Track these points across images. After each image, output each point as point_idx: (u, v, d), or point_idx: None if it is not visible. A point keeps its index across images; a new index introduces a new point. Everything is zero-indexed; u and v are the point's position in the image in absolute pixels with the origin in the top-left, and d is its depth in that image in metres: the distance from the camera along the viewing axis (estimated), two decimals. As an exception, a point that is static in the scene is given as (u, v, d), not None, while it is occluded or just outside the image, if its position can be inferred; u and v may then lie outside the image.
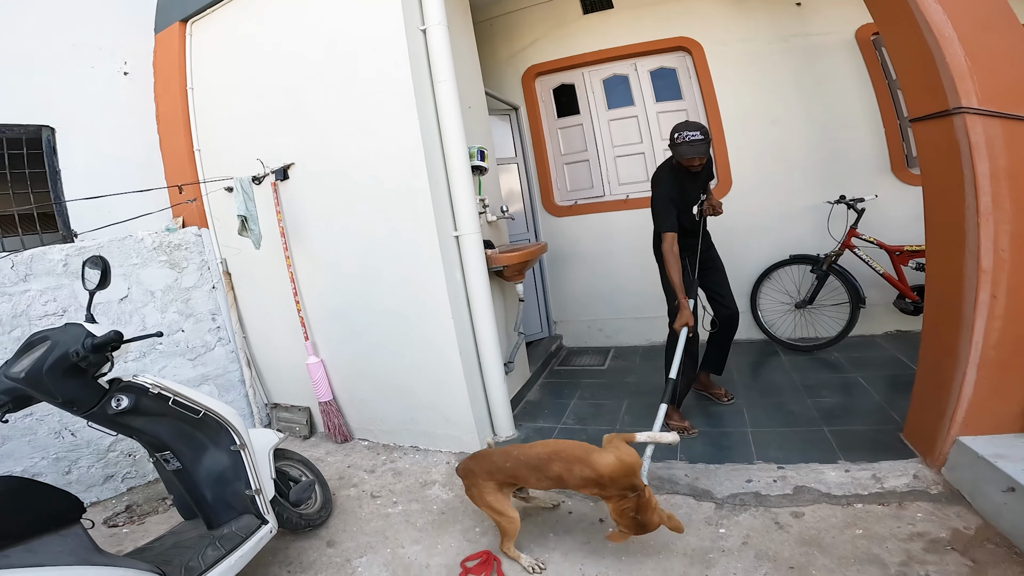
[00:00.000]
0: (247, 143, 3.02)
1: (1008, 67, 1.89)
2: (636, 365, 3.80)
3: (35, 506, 1.48)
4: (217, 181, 3.12)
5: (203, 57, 3.21)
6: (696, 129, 2.53)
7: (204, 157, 3.26)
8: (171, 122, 3.28)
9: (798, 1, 3.66)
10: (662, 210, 2.60)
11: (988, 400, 1.89)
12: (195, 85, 3.23)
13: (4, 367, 1.64)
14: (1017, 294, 1.84)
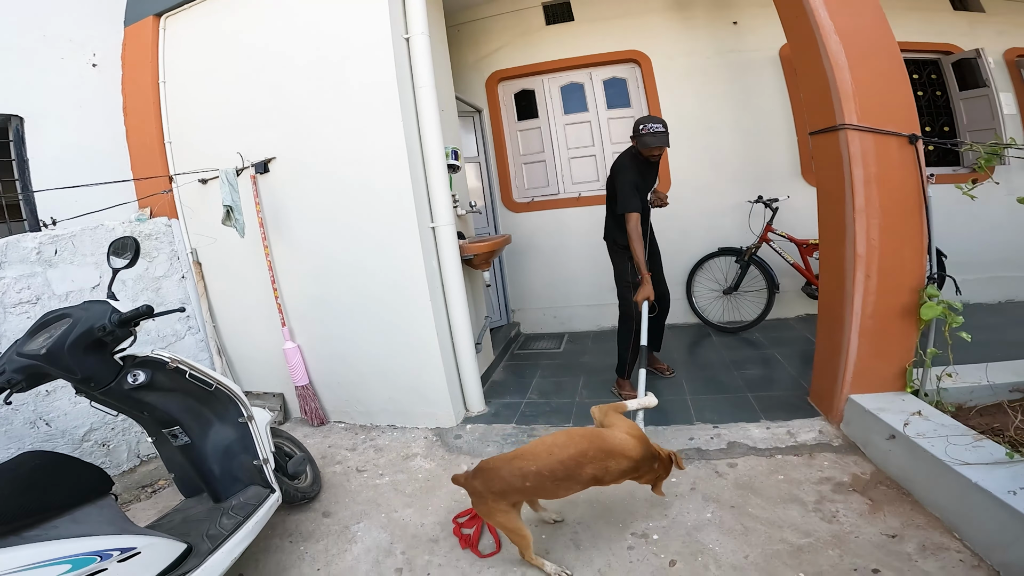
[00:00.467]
0: (225, 137, 3.09)
1: (882, 90, 2.36)
2: (589, 347, 4.20)
3: (71, 479, 1.56)
4: (194, 173, 3.17)
5: (178, 51, 3.23)
6: (659, 122, 2.83)
7: (175, 149, 3.27)
8: (140, 114, 3.27)
9: (735, 20, 4.17)
10: (629, 192, 2.87)
11: (870, 362, 2.40)
12: (167, 79, 3.24)
13: (16, 346, 1.66)
14: (885, 274, 2.35)
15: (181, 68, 3.23)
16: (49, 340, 1.60)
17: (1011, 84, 4.37)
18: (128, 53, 3.32)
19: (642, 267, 2.84)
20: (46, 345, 1.58)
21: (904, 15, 4.20)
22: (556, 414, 3.06)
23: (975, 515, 1.66)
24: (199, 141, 3.21)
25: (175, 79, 3.25)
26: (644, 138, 2.83)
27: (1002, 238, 4.03)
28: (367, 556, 2.05)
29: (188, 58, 3.21)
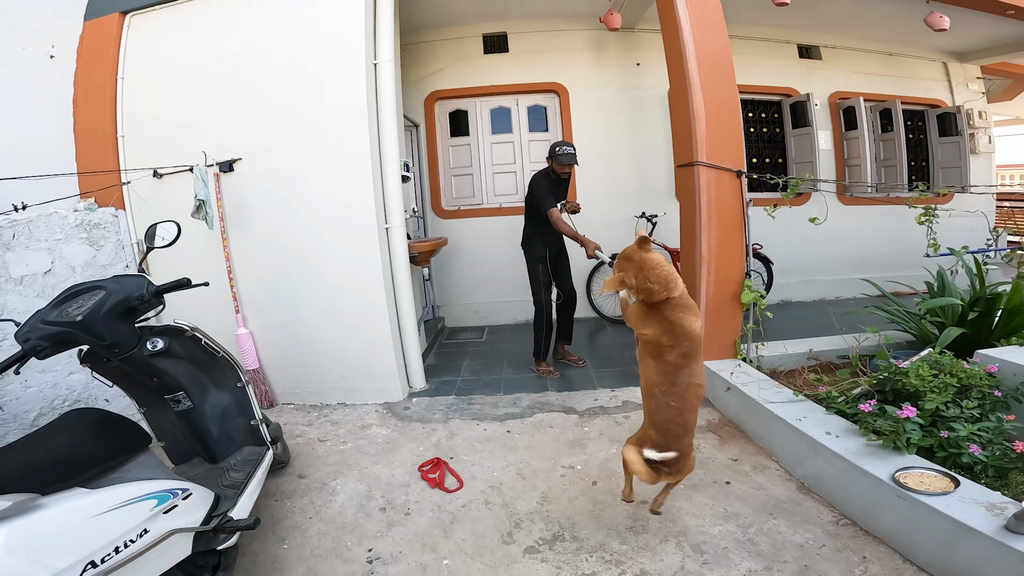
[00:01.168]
0: (188, 135, 3.27)
1: (723, 137, 3.27)
2: (508, 337, 4.87)
3: (124, 431, 1.75)
4: (149, 169, 3.28)
5: (141, 49, 3.34)
6: (571, 145, 3.54)
7: (127, 144, 3.35)
8: (91, 107, 3.30)
9: (638, 62, 5.09)
10: (544, 196, 3.49)
11: (713, 337, 3.31)
12: (126, 75, 3.31)
13: (40, 314, 1.75)
14: (718, 271, 3.27)
15: (143, 66, 3.35)
16: (84, 308, 1.74)
17: (830, 124, 5.75)
18: (85, 47, 3.34)
19: (576, 235, 3.42)
20: (81, 312, 1.72)
21: (762, 62, 5.40)
22: (488, 387, 3.67)
23: (780, 441, 2.53)
24: (157, 137, 3.33)
25: (135, 75, 3.34)
26: (559, 157, 3.46)
27: (815, 250, 5.39)
28: (351, 502, 2.45)
29: (152, 57, 3.34)
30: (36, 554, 1.13)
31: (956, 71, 6.31)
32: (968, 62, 6.35)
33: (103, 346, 1.79)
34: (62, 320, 1.72)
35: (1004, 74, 7.02)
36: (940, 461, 1.97)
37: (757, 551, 1.93)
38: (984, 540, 1.56)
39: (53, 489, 1.28)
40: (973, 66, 6.38)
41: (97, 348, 1.82)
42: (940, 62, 6.27)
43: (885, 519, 1.91)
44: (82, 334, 1.71)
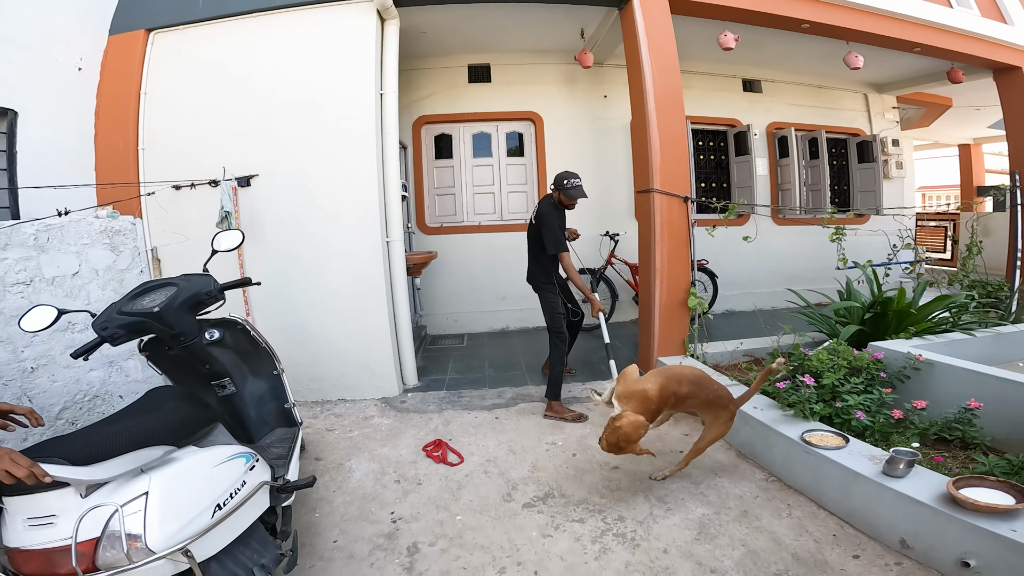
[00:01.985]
0: (207, 151, 3.60)
1: (674, 167, 3.91)
2: (487, 343, 5.34)
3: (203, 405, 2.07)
4: (172, 181, 3.58)
5: (163, 66, 3.65)
6: (578, 176, 3.38)
7: (146, 156, 3.63)
8: (114, 120, 3.57)
9: (605, 95, 5.71)
10: (560, 237, 3.39)
11: (666, 336, 3.92)
12: (148, 90, 3.60)
13: (115, 307, 1.97)
14: (669, 281, 3.89)
15: (165, 82, 3.65)
16: (160, 301, 1.96)
17: (767, 151, 6.53)
18: (109, 60, 3.63)
19: (588, 291, 3.48)
20: (158, 304, 1.94)
21: (711, 95, 6.14)
22: (474, 383, 4.13)
23: (721, 413, 3.13)
24: (177, 150, 3.64)
25: (157, 91, 3.64)
26: (568, 190, 3.37)
27: (753, 265, 6.14)
28: (367, 477, 2.84)
29: (174, 75, 3.65)
30: (187, 494, 1.50)
31: (875, 101, 7.23)
32: (885, 93, 7.28)
33: (171, 335, 2.00)
34: (139, 310, 1.94)
35: (919, 103, 7.96)
36: (837, 426, 2.58)
37: (707, 501, 2.47)
38: (869, 482, 2.13)
39: (179, 445, 1.66)
40: (890, 97, 7.32)
41: (165, 336, 2.03)
42: (861, 93, 7.18)
43: (799, 474, 2.49)
44: (156, 323, 1.93)
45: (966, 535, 1.82)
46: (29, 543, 1.31)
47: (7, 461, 1.20)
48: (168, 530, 1.37)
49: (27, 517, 1.32)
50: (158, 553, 1.33)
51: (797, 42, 5.12)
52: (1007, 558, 1.72)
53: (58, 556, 1.30)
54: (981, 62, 5.55)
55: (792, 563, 2.01)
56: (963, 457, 2.47)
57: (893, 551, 2.04)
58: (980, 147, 11.50)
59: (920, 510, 1.96)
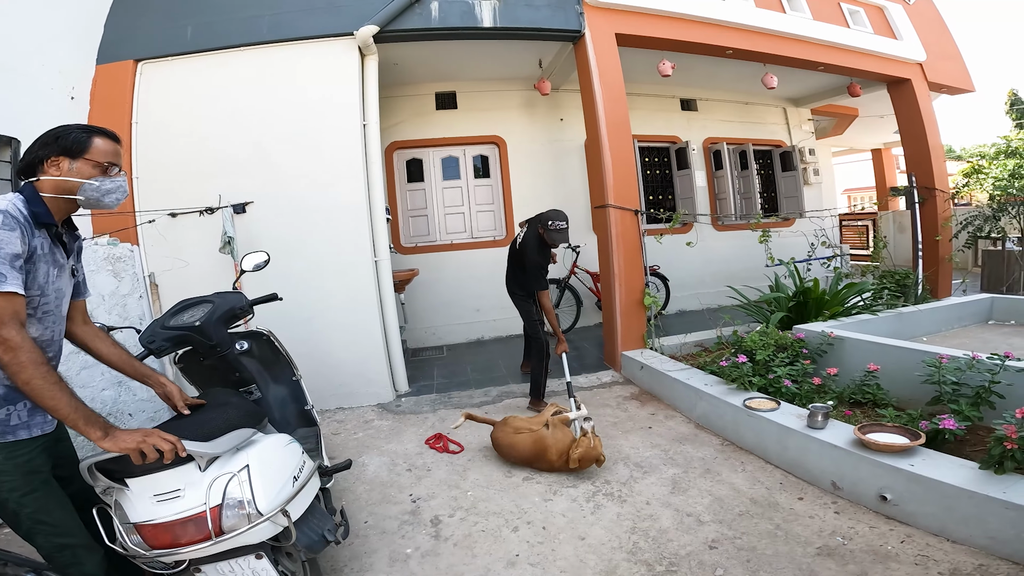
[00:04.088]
0: (200, 180, 3.86)
1: (625, 184, 4.50)
2: (466, 352, 5.75)
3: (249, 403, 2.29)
4: (168, 210, 3.81)
5: (152, 96, 3.88)
6: (565, 219, 3.42)
7: (141, 184, 3.84)
8: None
9: (561, 118, 6.28)
10: (540, 274, 3.62)
11: (628, 332, 4.48)
12: (139, 119, 3.82)
13: (158, 322, 2.19)
14: (626, 284, 4.46)
15: (156, 112, 3.88)
16: (200, 315, 2.20)
17: (704, 164, 7.28)
18: (98, 90, 3.82)
19: (558, 331, 3.74)
20: (200, 319, 2.18)
21: (653, 114, 6.83)
22: (461, 386, 4.53)
23: (679, 396, 3.67)
24: (171, 178, 3.87)
25: (148, 121, 3.86)
26: (552, 234, 3.47)
27: (699, 268, 6.84)
28: (381, 468, 3.18)
29: (165, 105, 3.89)
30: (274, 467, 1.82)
31: (792, 115, 8.17)
32: (801, 106, 8.23)
33: (209, 346, 2.21)
34: (182, 325, 2.18)
35: (830, 114, 8.99)
36: (771, 394, 3.16)
37: (675, 463, 2.97)
38: (798, 435, 2.68)
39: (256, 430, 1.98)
40: (805, 110, 8.29)
41: (203, 348, 2.25)
42: (781, 108, 8.11)
43: (746, 436, 3.04)
44: (197, 336, 2.16)
45: (876, 471, 2.28)
46: (160, 516, 1.53)
47: (156, 438, 1.48)
48: (270, 495, 1.67)
49: (155, 494, 1.54)
50: (266, 515, 1.61)
51: (723, 65, 5.86)
52: (911, 488, 2.17)
53: (188, 525, 1.53)
54: (876, 76, 6.42)
55: (751, 505, 2.49)
56: (873, 415, 2.97)
57: (828, 492, 2.51)
58: (890, 151, 12.97)
59: (838, 454, 2.45)
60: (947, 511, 2.09)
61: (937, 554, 2.02)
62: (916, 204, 6.28)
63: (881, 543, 2.12)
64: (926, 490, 2.14)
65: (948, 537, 2.09)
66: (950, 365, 2.71)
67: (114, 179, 1.66)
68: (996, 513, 1.96)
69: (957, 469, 2.16)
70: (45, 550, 1.68)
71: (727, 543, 2.22)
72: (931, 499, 2.13)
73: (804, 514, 2.38)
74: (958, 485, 2.05)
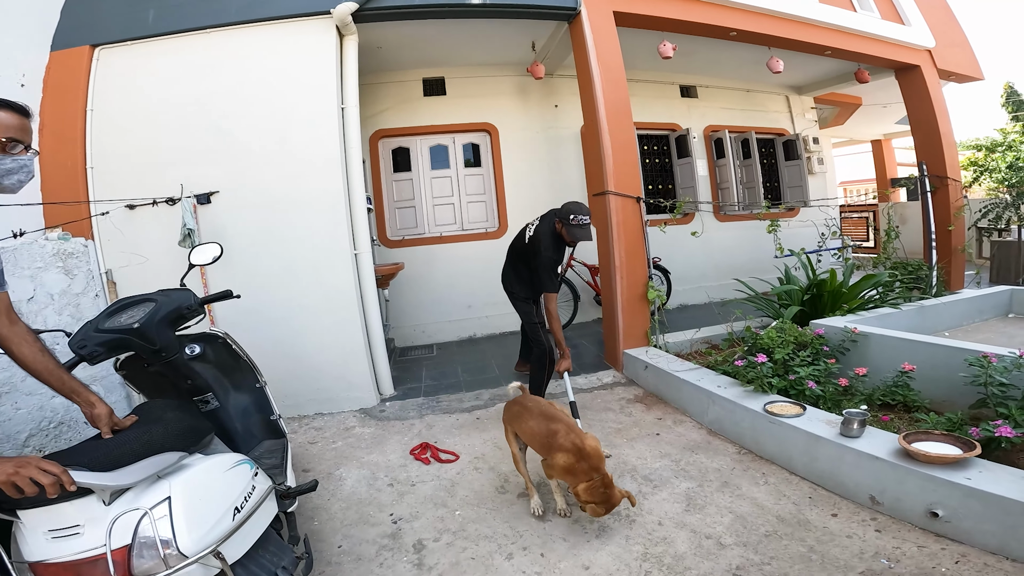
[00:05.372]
0: (162, 169, 3.51)
1: (626, 171, 4.19)
2: (457, 351, 5.40)
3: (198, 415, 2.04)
4: (123, 200, 3.45)
5: (112, 84, 3.54)
6: (588, 213, 2.98)
7: (96, 175, 3.48)
8: (59, 137, 3.41)
9: (556, 104, 5.95)
10: (551, 275, 3.13)
11: (630, 329, 4.16)
12: (95, 107, 3.46)
13: (92, 324, 1.88)
14: (628, 277, 4.14)
15: (114, 100, 3.53)
16: (139, 317, 1.90)
17: (705, 153, 7.01)
18: (51, 77, 3.48)
19: (563, 345, 3.24)
20: (139, 320, 1.88)
21: (652, 102, 6.52)
22: (450, 388, 4.20)
23: (688, 398, 3.36)
24: (130, 169, 3.53)
25: (104, 108, 3.51)
26: (574, 230, 3.03)
27: (701, 260, 6.56)
28: (360, 483, 2.85)
29: (123, 91, 3.54)
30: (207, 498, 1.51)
31: (796, 102, 7.92)
32: (804, 94, 7.98)
33: (152, 351, 1.94)
34: (118, 327, 1.88)
35: (833, 103, 8.74)
36: (793, 397, 2.86)
37: (689, 476, 2.66)
38: (830, 444, 2.37)
39: (189, 452, 1.66)
40: (808, 98, 8.04)
41: (146, 353, 1.97)
42: (783, 95, 7.85)
43: (767, 444, 2.72)
44: (136, 339, 1.88)
45: (925, 486, 2.02)
46: (55, 556, 1.28)
47: (33, 469, 1.18)
48: (197, 533, 1.38)
49: (48, 529, 1.29)
50: (191, 557, 1.33)
51: (726, 49, 5.57)
52: (967, 504, 1.92)
53: (88, 568, 1.28)
54: (884, 63, 6.19)
55: (778, 524, 2.19)
56: (908, 419, 2.72)
57: (866, 508, 2.22)
58: (890, 142, 12.75)
59: (879, 466, 2.16)
60: (1008, 529, 1.85)
61: (997, 575, 1.79)
62: (927, 193, 6.00)
63: (933, 564, 1.87)
64: (984, 506, 1.89)
65: (1008, 556, 1.86)
66: (998, 365, 2.41)
67: (16, 158, 1.39)
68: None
69: (1020, 482, 1.91)
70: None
71: (754, 570, 1.93)
72: (990, 515, 1.89)
73: (840, 533, 2.09)
74: (1021, 500, 1.81)
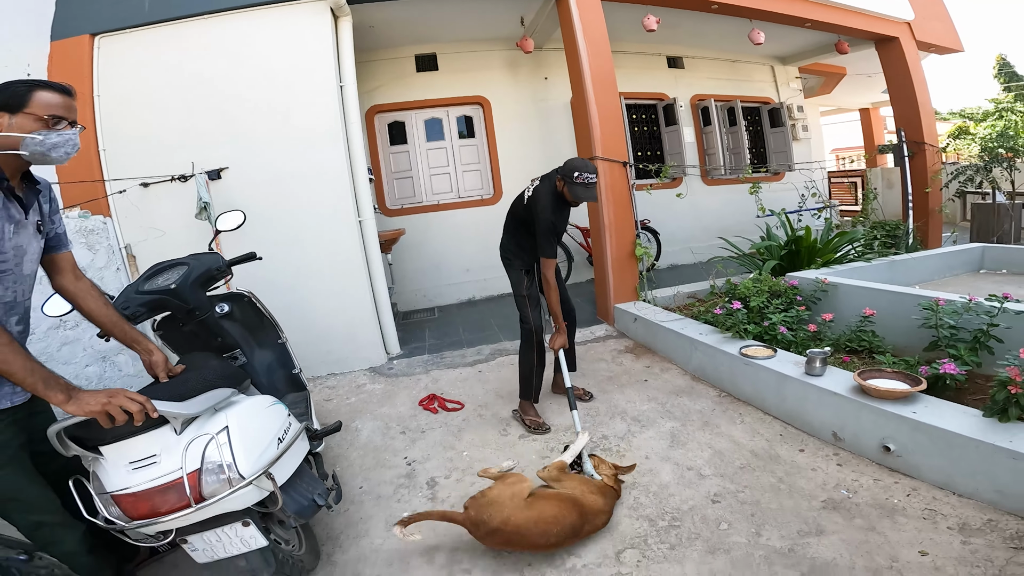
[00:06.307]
0: (169, 149, 3.69)
1: (613, 138, 4.38)
2: (456, 313, 5.68)
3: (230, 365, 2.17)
4: (142, 178, 3.64)
5: (116, 70, 3.67)
6: (595, 172, 2.65)
7: (108, 156, 3.65)
8: None
9: (545, 76, 6.09)
10: (550, 238, 2.74)
11: (619, 285, 4.43)
12: (101, 93, 3.61)
13: (132, 287, 2.08)
14: (617, 236, 4.39)
15: (118, 85, 3.66)
16: (174, 279, 2.09)
17: (692, 121, 7.20)
18: (54, 66, 3.59)
19: (559, 318, 2.89)
20: (175, 282, 2.06)
21: (639, 71, 6.67)
22: (453, 345, 4.48)
23: (673, 347, 3.65)
24: (141, 149, 3.68)
25: (111, 94, 3.65)
26: (578, 189, 2.67)
27: (689, 223, 6.80)
28: (375, 433, 3.13)
29: (127, 77, 3.66)
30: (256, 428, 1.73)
31: (780, 72, 8.07)
32: (788, 64, 8.14)
33: (187, 310, 2.13)
34: (156, 288, 2.07)
35: (818, 72, 8.90)
36: (767, 343, 3.13)
37: (673, 416, 2.94)
38: (796, 382, 2.62)
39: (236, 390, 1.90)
40: (792, 68, 8.20)
41: (180, 313, 2.16)
42: (768, 66, 8.00)
43: (743, 386, 3.00)
44: (173, 300, 2.07)
45: (878, 420, 2.20)
46: (136, 484, 1.44)
47: (122, 398, 1.37)
48: (252, 457, 1.58)
49: (130, 461, 1.46)
50: (248, 478, 1.51)
51: (709, 22, 5.70)
52: (915, 438, 2.08)
53: (167, 492, 1.45)
54: (863, 34, 6.32)
55: (752, 458, 2.43)
56: (870, 362, 2.90)
57: (829, 444, 2.45)
58: (878, 110, 12.87)
59: (839, 401, 2.38)
60: (953, 463, 2.00)
61: (945, 508, 1.94)
62: (905, 158, 6.23)
63: (887, 496, 2.05)
64: (931, 440, 2.05)
65: (955, 491, 2.00)
66: (947, 308, 2.67)
67: (61, 132, 1.54)
68: (1003, 464, 1.85)
69: (961, 416, 2.05)
70: (22, 529, 1.62)
71: (730, 497, 2.17)
72: (936, 450, 2.04)
73: (806, 467, 2.32)
74: (963, 433, 1.95)
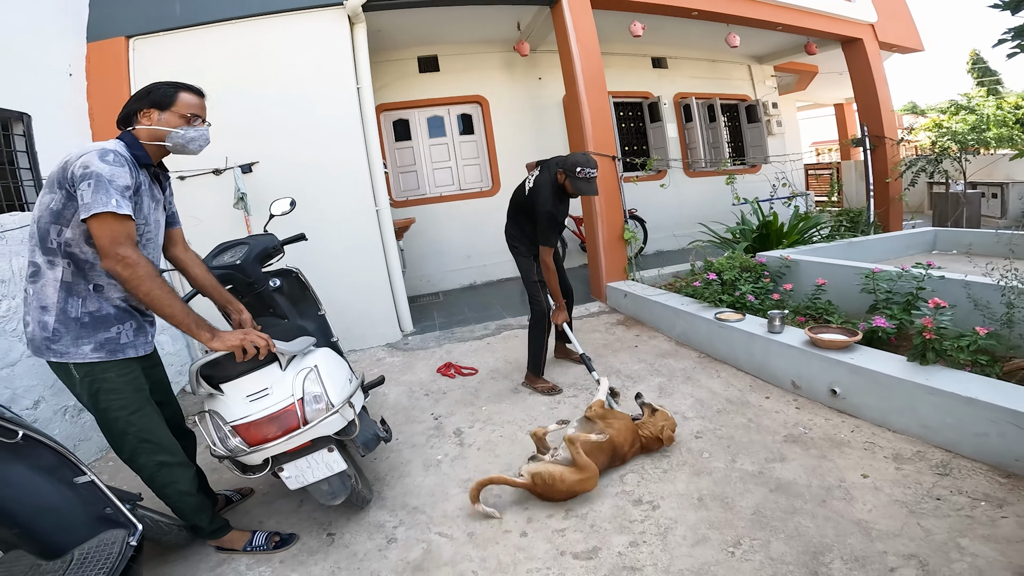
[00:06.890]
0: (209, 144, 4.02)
1: (603, 135, 4.85)
2: (460, 296, 6.13)
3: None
4: (182, 172, 4.03)
5: (151, 71, 4.01)
6: (595, 167, 2.76)
7: (150, 150, 4.02)
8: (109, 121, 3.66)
9: (540, 76, 6.54)
10: (550, 229, 2.93)
11: (611, 265, 4.93)
12: None
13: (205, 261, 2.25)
14: (608, 222, 4.88)
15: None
16: (240, 255, 2.39)
17: (675, 117, 7.70)
18: (92, 66, 3.96)
19: (559, 297, 3.17)
20: (240, 258, 2.37)
21: (626, 71, 7.15)
22: (461, 323, 4.93)
23: (659, 317, 4.14)
24: (173, 147, 4.06)
25: None
26: (579, 183, 2.80)
27: (674, 212, 7.29)
28: (401, 396, 3.54)
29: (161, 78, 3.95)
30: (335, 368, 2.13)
31: (756, 71, 8.61)
32: (764, 63, 8.68)
33: (248, 283, 2.39)
34: (224, 264, 2.36)
35: (792, 71, 9.47)
36: (738, 309, 3.64)
37: (660, 373, 3.42)
38: (761, 340, 3.11)
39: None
40: (768, 67, 8.74)
41: (242, 286, 2.42)
42: (745, 65, 8.54)
43: (720, 348, 3.49)
44: (238, 274, 2.34)
45: (824, 367, 2.64)
46: (255, 413, 1.75)
47: (253, 335, 1.74)
48: (337, 388, 1.96)
49: (247, 394, 1.78)
50: (337, 406, 1.84)
51: (690, 26, 6.20)
52: (854, 381, 2.49)
53: (279, 419, 1.77)
54: (830, 36, 6.87)
55: (727, 404, 2.88)
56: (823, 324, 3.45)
57: (790, 392, 2.90)
58: (851, 105, 13.48)
59: (794, 354, 2.83)
60: (885, 402, 2.37)
61: (881, 441, 2.32)
62: (867, 151, 6.80)
63: (835, 432, 2.45)
64: (866, 382, 2.45)
65: (890, 427, 2.38)
66: (882, 275, 3.19)
67: (197, 128, 1.87)
68: (924, 400, 2.19)
69: (889, 361, 2.46)
70: (146, 470, 1.82)
71: (709, 434, 2.59)
72: (871, 391, 2.43)
73: (771, 410, 2.76)
74: (891, 374, 2.33)
